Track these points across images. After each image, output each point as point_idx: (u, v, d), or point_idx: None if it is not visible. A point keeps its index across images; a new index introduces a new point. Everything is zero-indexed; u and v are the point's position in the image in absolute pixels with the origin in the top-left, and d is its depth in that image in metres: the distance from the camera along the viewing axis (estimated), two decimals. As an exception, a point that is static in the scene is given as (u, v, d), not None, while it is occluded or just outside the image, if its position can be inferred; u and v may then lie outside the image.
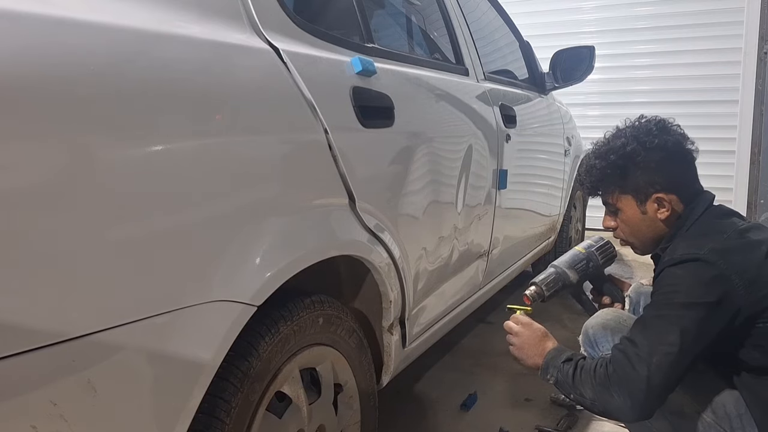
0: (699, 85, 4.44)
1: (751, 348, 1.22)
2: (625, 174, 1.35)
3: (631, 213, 1.37)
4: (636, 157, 1.33)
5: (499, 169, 2.02)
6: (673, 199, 1.33)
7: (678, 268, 1.21)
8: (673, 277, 1.22)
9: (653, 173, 1.33)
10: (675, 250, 1.25)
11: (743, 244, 1.23)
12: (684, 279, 1.20)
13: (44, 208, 0.64)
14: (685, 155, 1.36)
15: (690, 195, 1.35)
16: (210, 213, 0.85)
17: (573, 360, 1.25)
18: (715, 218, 1.31)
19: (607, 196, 1.41)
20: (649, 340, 1.18)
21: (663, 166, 1.33)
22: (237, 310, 0.88)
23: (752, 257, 1.20)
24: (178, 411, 0.81)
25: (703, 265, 1.18)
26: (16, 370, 0.62)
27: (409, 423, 1.87)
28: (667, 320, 1.18)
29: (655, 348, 1.16)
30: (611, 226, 1.43)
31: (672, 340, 1.16)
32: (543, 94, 2.78)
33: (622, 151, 1.35)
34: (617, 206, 1.39)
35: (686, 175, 1.36)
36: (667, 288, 1.22)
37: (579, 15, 4.78)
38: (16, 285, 0.62)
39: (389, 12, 1.91)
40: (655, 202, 1.34)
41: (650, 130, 1.35)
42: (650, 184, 1.33)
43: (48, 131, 0.65)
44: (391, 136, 1.34)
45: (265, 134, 0.98)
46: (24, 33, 0.66)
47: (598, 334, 1.45)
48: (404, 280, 1.39)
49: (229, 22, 0.98)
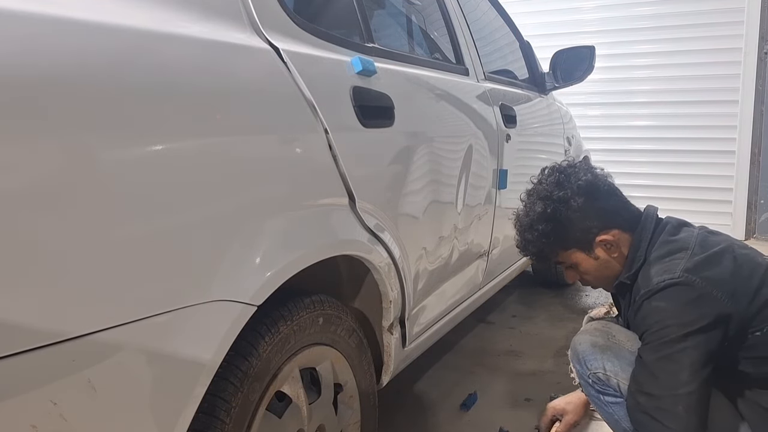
0: (699, 85, 4.44)
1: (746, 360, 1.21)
2: (559, 234, 1.33)
3: (586, 264, 1.36)
4: (560, 215, 1.32)
5: (499, 169, 2.02)
6: (616, 234, 1.32)
7: (658, 300, 1.19)
8: (657, 311, 1.19)
9: (584, 220, 1.31)
10: (647, 280, 1.23)
11: (709, 256, 1.21)
12: (669, 310, 1.17)
13: (44, 208, 0.64)
14: (602, 188, 1.34)
15: (630, 221, 1.33)
16: (210, 213, 0.85)
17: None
18: (670, 235, 1.29)
19: (556, 258, 1.40)
20: (666, 388, 1.15)
21: (589, 209, 1.31)
22: (237, 310, 0.88)
23: (723, 268, 1.19)
24: (178, 410, 0.81)
25: (682, 288, 1.16)
26: (16, 369, 0.62)
27: (409, 423, 1.87)
28: (673, 360, 1.15)
29: (676, 394, 1.13)
30: (575, 280, 1.44)
31: (686, 378, 1.13)
32: (543, 94, 2.78)
33: (544, 215, 1.33)
34: (569, 263, 1.38)
35: (615, 205, 1.35)
36: (657, 325, 1.19)
37: (579, 15, 4.77)
38: (16, 285, 0.62)
39: (389, 12, 1.91)
40: (601, 246, 1.32)
41: (560, 183, 1.34)
42: (587, 231, 1.32)
43: (48, 131, 0.65)
44: (391, 135, 1.34)
45: (265, 134, 0.98)
46: (24, 33, 0.66)
47: (587, 353, 1.41)
48: (404, 280, 1.39)
49: (229, 21, 0.98)
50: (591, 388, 1.37)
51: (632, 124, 4.67)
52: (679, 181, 4.52)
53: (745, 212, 4.36)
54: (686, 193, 4.49)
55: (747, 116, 4.28)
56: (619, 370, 1.31)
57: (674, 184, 4.51)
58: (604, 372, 1.33)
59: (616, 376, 1.31)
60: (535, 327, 2.74)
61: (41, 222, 0.64)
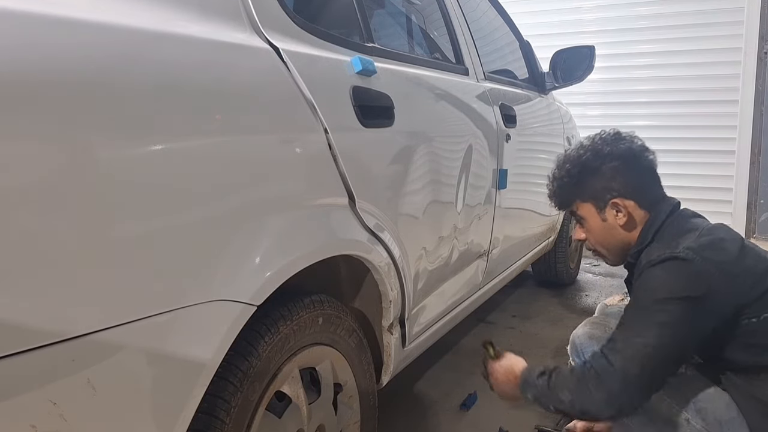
0: (699, 85, 4.44)
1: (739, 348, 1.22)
2: (582, 181, 1.39)
3: (594, 221, 1.40)
4: (590, 165, 1.38)
5: (499, 169, 2.02)
6: (630, 205, 1.35)
7: (657, 269, 1.22)
8: (653, 276, 1.23)
9: (608, 179, 1.36)
10: (651, 254, 1.27)
11: (715, 240, 1.24)
12: (664, 277, 1.21)
13: (45, 208, 0.64)
14: (639, 161, 1.38)
15: (650, 201, 1.37)
16: (210, 212, 0.85)
17: (546, 372, 1.27)
18: (682, 220, 1.33)
19: (570, 205, 1.45)
20: (625, 334, 1.20)
21: (617, 172, 1.36)
22: (237, 310, 0.88)
23: (727, 253, 1.22)
24: (177, 410, 0.81)
25: (682, 263, 1.19)
26: (16, 369, 0.62)
27: (409, 423, 1.87)
28: (645, 315, 1.20)
29: (631, 341, 1.17)
30: (581, 237, 1.46)
31: (648, 333, 1.17)
32: (543, 93, 2.78)
33: (578, 160, 1.40)
34: (580, 215, 1.43)
35: (643, 181, 1.38)
36: (647, 286, 1.23)
37: (579, 15, 4.77)
38: (16, 284, 0.62)
39: (389, 12, 1.91)
40: (612, 208, 1.36)
41: (605, 140, 1.41)
42: (606, 190, 1.36)
43: (48, 130, 0.65)
44: (391, 135, 1.34)
45: (265, 134, 0.98)
46: (24, 33, 0.66)
47: (585, 344, 1.48)
48: (404, 280, 1.39)
49: (229, 21, 0.98)
50: None
51: (632, 124, 4.66)
52: (678, 180, 4.50)
53: (745, 212, 4.36)
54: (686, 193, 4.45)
55: (747, 116, 4.28)
56: None
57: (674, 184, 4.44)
58: None
59: None
60: (534, 327, 2.74)
61: (41, 221, 0.64)
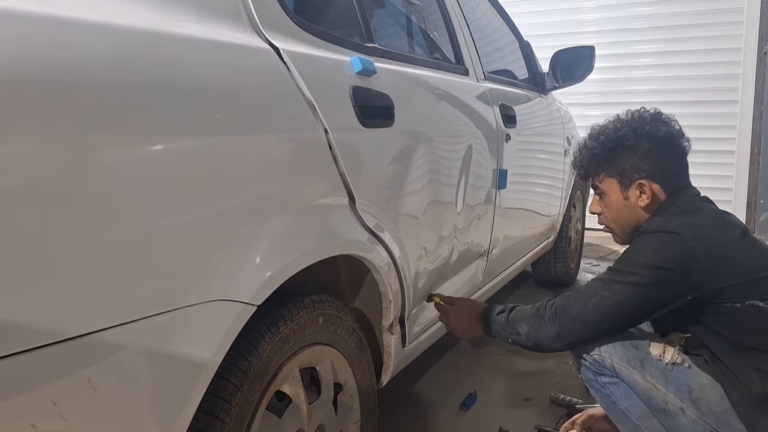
0: (699, 85, 4.44)
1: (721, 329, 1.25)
2: (613, 156, 1.40)
3: (615, 197, 1.42)
4: (625, 141, 1.38)
5: (498, 169, 2.02)
6: (656, 188, 1.37)
7: (646, 236, 1.28)
8: (639, 243, 1.29)
9: (640, 159, 1.37)
10: (649, 224, 1.33)
11: (717, 223, 1.27)
12: (648, 244, 1.26)
13: (45, 208, 0.64)
14: (674, 147, 1.39)
15: (675, 187, 1.38)
16: (210, 212, 0.85)
17: (506, 309, 1.36)
18: (693, 202, 1.36)
19: (595, 177, 1.47)
20: (595, 285, 1.27)
21: (650, 154, 1.37)
22: (237, 310, 0.88)
23: (724, 235, 1.25)
24: (178, 410, 0.81)
25: (670, 235, 1.23)
26: (16, 369, 0.62)
27: (409, 423, 1.87)
28: (617, 273, 1.26)
29: (597, 291, 1.25)
30: (597, 211, 1.50)
31: (615, 289, 1.24)
32: (543, 93, 2.78)
33: (614, 134, 1.40)
34: (602, 189, 1.45)
35: (673, 166, 1.40)
36: (633, 249, 1.29)
37: (579, 15, 4.78)
38: (16, 284, 0.62)
39: (389, 12, 1.91)
40: (637, 189, 1.38)
41: (644, 119, 1.41)
42: (635, 170, 1.38)
43: (48, 130, 0.65)
44: (391, 135, 1.34)
45: (265, 134, 0.98)
46: (24, 33, 0.66)
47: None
48: (404, 280, 1.39)
49: (229, 21, 0.98)
50: (588, 371, 1.40)
51: (632, 124, 4.67)
52: (678, 180, 4.51)
53: (745, 212, 4.36)
54: (686, 193, 4.48)
55: (747, 116, 4.29)
56: (612, 351, 1.34)
57: (674, 184, 4.51)
58: (599, 353, 1.36)
59: (610, 356, 1.34)
60: (534, 327, 2.74)
61: (41, 221, 0.64)
